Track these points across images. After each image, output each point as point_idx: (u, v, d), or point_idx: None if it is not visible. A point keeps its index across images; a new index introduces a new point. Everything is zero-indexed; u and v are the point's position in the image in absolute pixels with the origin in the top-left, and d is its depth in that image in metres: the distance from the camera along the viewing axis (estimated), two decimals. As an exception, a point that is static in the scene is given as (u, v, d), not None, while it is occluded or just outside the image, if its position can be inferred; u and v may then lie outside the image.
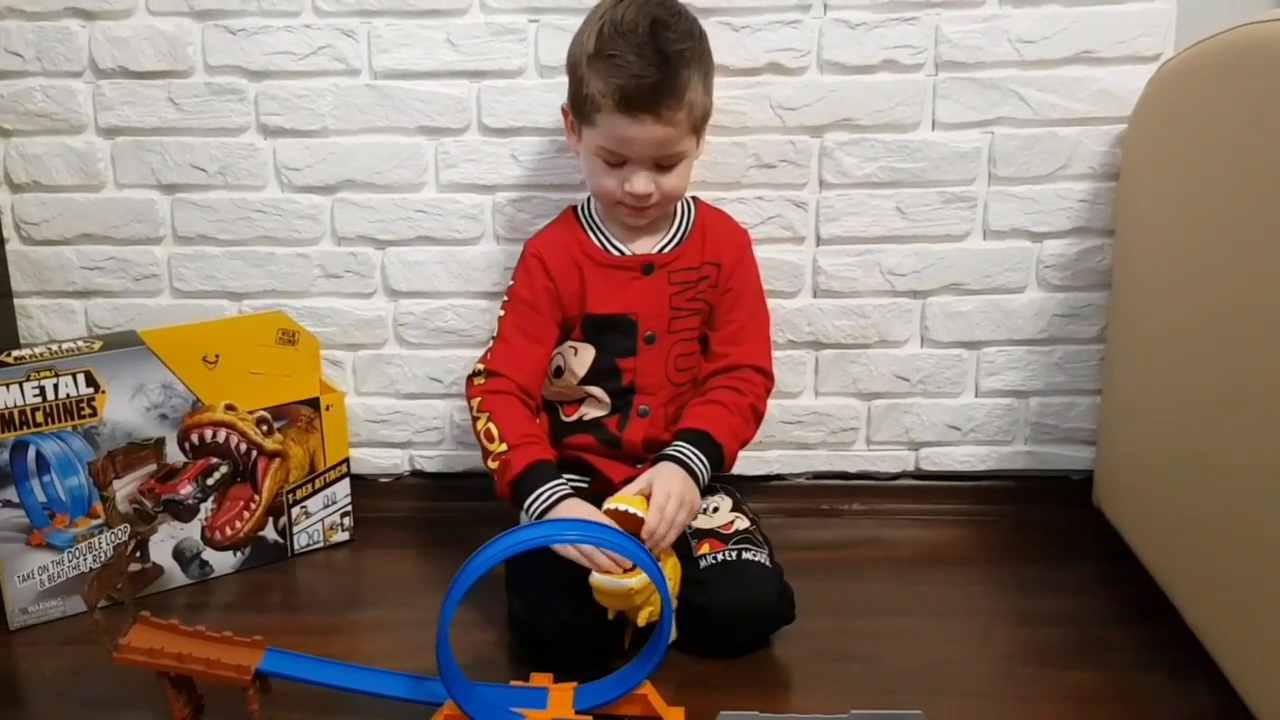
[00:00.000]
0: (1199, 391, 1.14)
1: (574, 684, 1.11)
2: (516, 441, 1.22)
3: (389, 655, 1.21)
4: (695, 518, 1.23)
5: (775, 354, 1.47)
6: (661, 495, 1.15)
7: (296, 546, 1.48)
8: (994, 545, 1.45)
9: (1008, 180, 1.43)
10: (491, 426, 1.24)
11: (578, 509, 1.16)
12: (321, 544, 1.50)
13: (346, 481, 1.50)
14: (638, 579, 1.11)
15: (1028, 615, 1.29)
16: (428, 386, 1.56)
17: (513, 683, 1.12)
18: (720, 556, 1.22)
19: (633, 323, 1.31)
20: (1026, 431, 1.53)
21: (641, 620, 1.15)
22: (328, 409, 1.46)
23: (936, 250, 1.46)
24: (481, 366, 1.30)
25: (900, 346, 1.50)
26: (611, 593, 1.12)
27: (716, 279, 1.33)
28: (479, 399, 1.27)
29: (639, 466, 1.33)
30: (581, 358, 1.33)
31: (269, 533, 1.45)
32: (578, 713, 1.08)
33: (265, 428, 1.42)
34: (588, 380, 1.33)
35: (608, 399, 1.33)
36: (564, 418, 1.36)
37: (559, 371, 1.33)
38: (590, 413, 1.35)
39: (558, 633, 1.17)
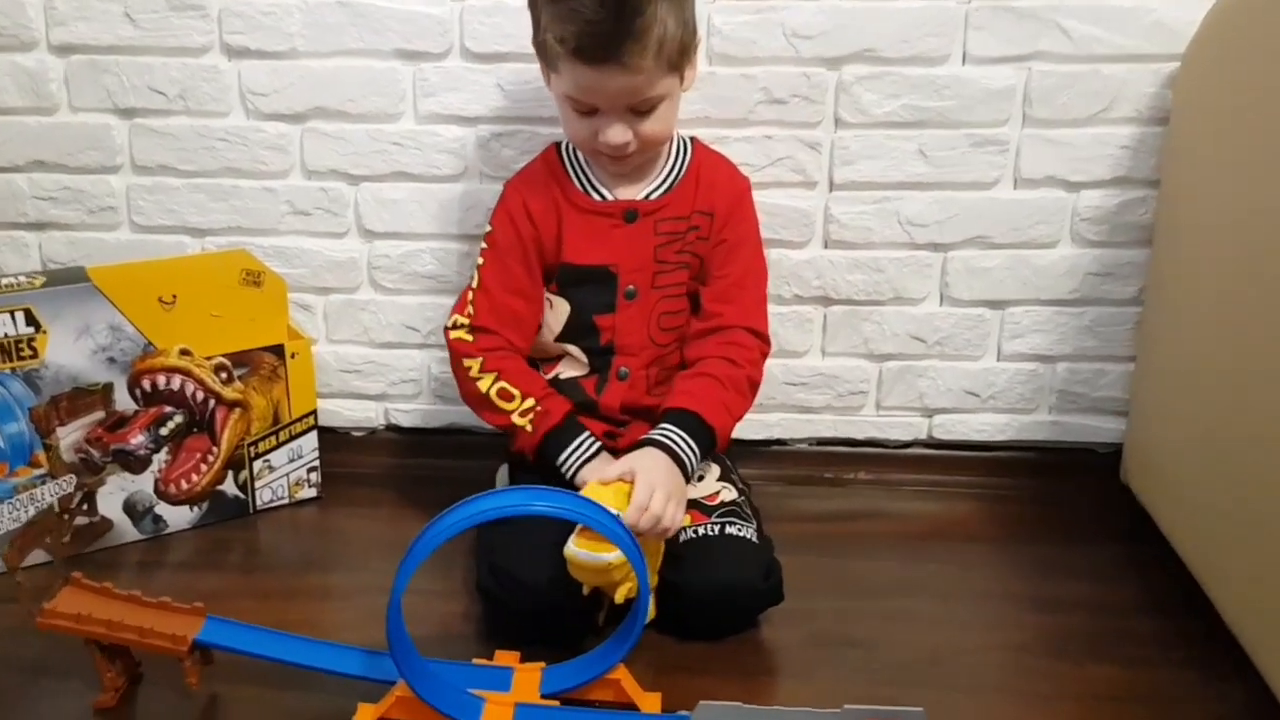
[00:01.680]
0: (1245, 361, 1.06)
1: (542, 665, 1.04)
2: (542, 393, 1.19)
3: (350, 624, 1.15)
4: (681, 517, 1.11)
5: (779, 309, 1.41)
6: (644, 490, 1.05)
7: (259, 503, 1.41)
8: (1011, 522, 1.38)
9: (1044, 123, 1.34)
10: (507, 385, 1.19)
11: (607, 463, 1.13)
12: (286, 500, 1.43)
13: (314, 435, 1.43)
14: (617, 554, 1.02)
15: (1045, 601, 1.21)
16: (404, 335, 1.49)
17: (475, 660, 1.05)
18: (701, 530, 1.14)
19: (612, 275, 1.22)
20: (1051, 400, 1.45)
21: (619, 597, 1.08)
22: (293, 356, 1.38)
23: (961, 199, 1.37)
24: (465, 320, 1.22)
25: (917, 304, 1.42)
26: (587, 567, 1.04)
27: (708, 230, 1.23)
28: (480, 359, 1.20)
29: (622, 429, 1.24)
30: (557, 312, 1.25)
31: (229, 487, 1.38)
32: (544, 696, 1.01)
33: (224, 375, 1.34)
34: (564, 338, 1.25)
35: (584, 359, 1.25)
36: (542, 374, 1.28)
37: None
38: (566, 372, 1.27)
39: (528, 607, 1.10)
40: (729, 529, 1.15)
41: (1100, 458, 1.46)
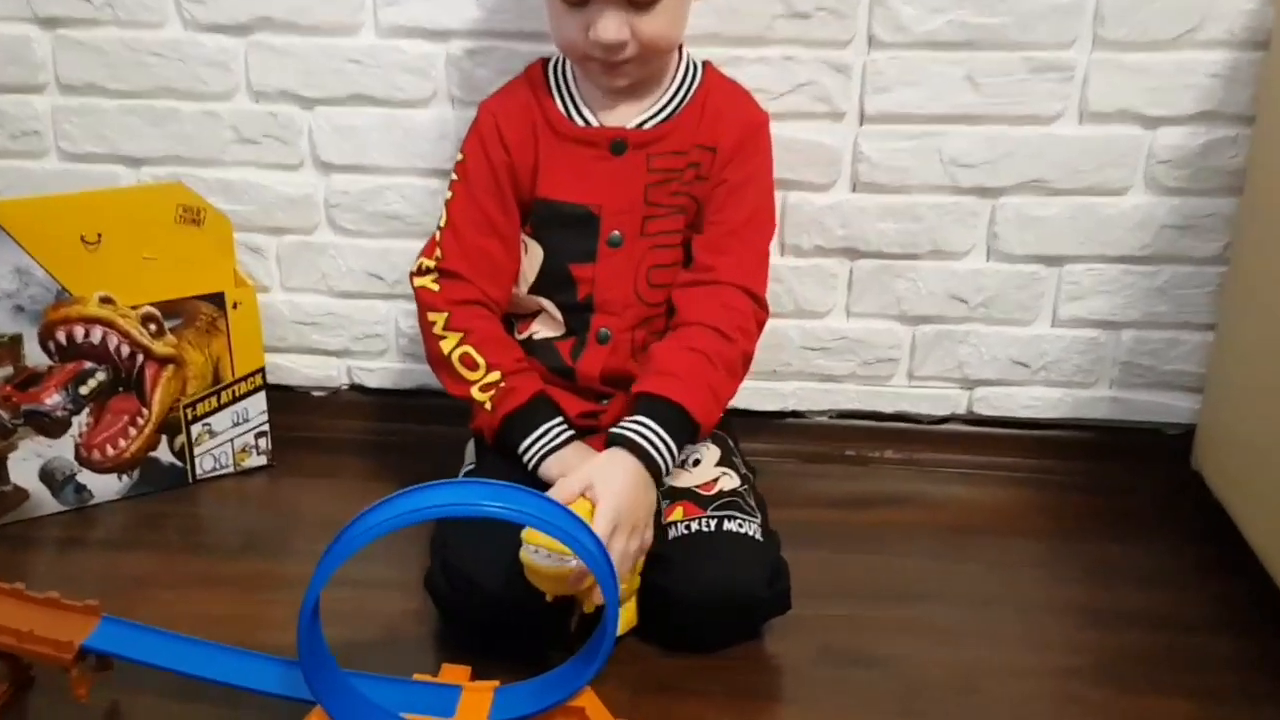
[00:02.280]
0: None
1: (495, 684, 0.89)
2: (512, 367, 1.06)
3: (288, 621, 0.97)
4: (648, 542, 0.97)
5: (798, 263, 1.29)
6: (604, 524, 0.89)
7: (199, 472, 1.29)
8: (1061, 515, 1.24)
9: (1117, 45, 1.18)
10: (470, 351, 1.05)
11: (578, 456, 1.01)
12: (231, 469, 1.31)
13: (261, 396, 1.30)
14: (580, 561, 0.87)
15: (1100, 615, 1.07)
16: (367, 284, 1.36)
17: (416, 676, 0.90)
18: (695, 526, 1.00)
19: (593, 217, 1.07)
20: (1114, 372, 1.32)
21: (590, 606, 0.93)
22: (235, 307, 1.24)
23: (1016, 135, 1.22)
24: (431, 263, 1.08)
25: (959, 259, 1.28)
26: (547, 574, 0.89)
27: (709, 167, 1.07)
28: (446, 313, 1.06)
29: (603, 403, 1.08)
30: (530, 258, 1.10)
31: (163, 454, 1.26)
32: (493, 725, 0.85)
33: (153, 327, 1.20)
34: (538, 289, 1.10)
35: (560, 316, 1.10)
36: (517, 334, 1.14)
37: None
38: (542, 332, 1.12)
39: (483, 616, 0.96)
40: (727, 524, 1.00)
41: (1168, 441, 1.33)
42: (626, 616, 0.98)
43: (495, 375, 1.04)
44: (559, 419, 1.05)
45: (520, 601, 0.93)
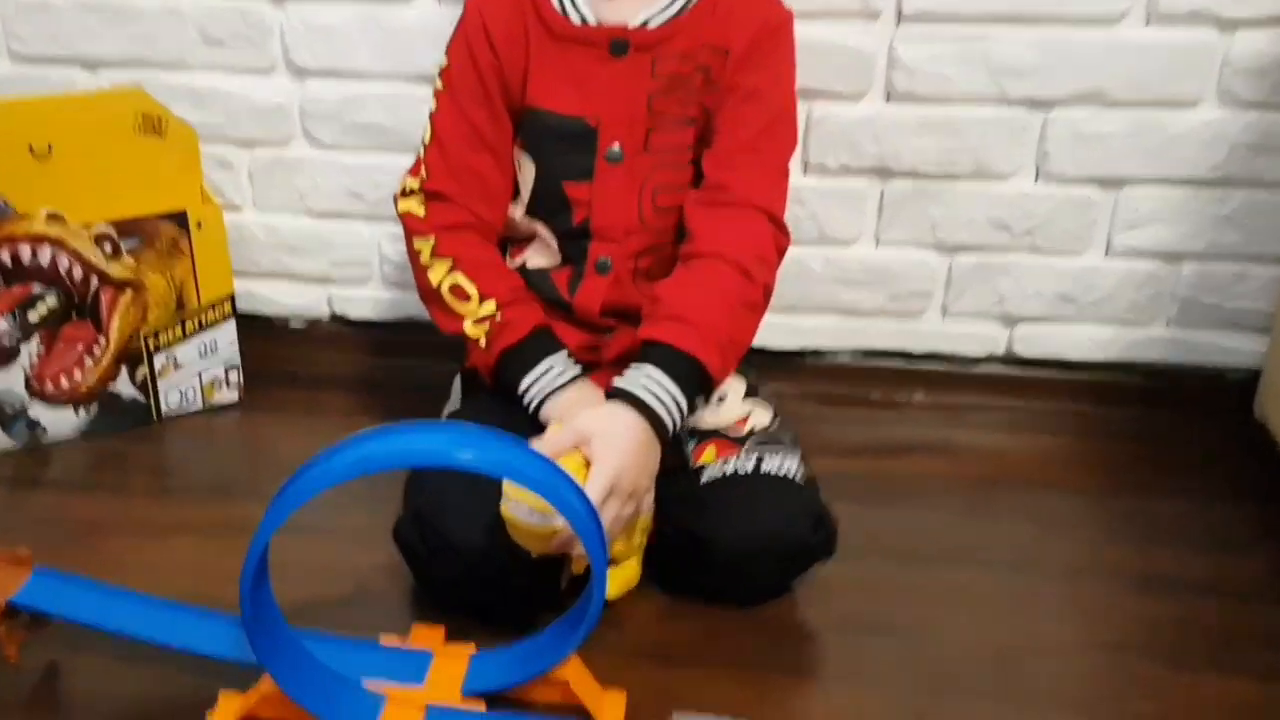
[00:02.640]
0: None
1: (471, 648, 0.82)
2: (507, 297, 0.96)
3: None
4: (648, 507, 0.88)
5: (822, 183, 1.21)
6: (598, 486, 0.80)
7: (164, 408, 1.20)
8: (1109, 468, 1.16)
9: None
10: (461, 279, 0.96)
11: (583, 399, 0.92)
12: (200, 406, 1.22)
13: (231, 325, 1.21)
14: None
15: (1152, 580, 0.98)
16: (347, 204, 1.27)
17: (382, 639, 0.83)
18: (731, 467, 0.93)
19: (590, 129, 0.96)
20: (1172, 310, 1.24)
21: (579, 567, 0.85)
22: (199, 226, 1.15)
23: (1073, 40, 1.13)
24: (415, 183, 0.98)
25: (1005, 180, 1.19)
26: (530, 533, 0.80)
27: (720, 72, 0.96)
28: (432, 239, 0.96)
29: (606, 336, 0.98)
30: (523, 175, 1.00)
31: (123, 387, 1.18)
32: (466, 695, 0.78)
33: (108, 248, 1.11)
34: (532, 211, 1.00)
35: (555, 244, 1.00)
36: (510, 259, 1.03)
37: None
38: (535, 260, 1.02)
39: (457, 574, 0.87)
40: (766, 463, 0.92)
41: (1230, 386, 1.26)
42: (626, 575, 0.90)
43: (489, 306, 0.94)
44: (562, 354, 0.95)
45: (501, 560, 0.84)
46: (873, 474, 1.14)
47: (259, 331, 1.29)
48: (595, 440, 0.82)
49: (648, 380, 0.87)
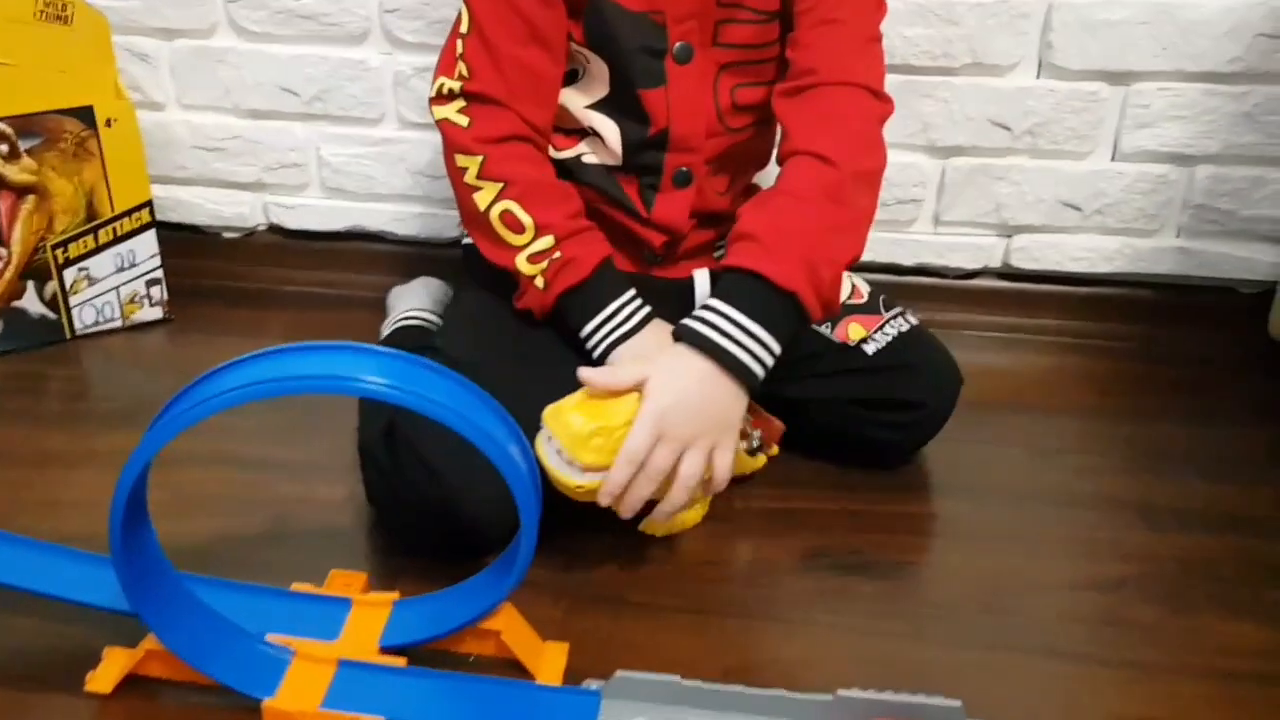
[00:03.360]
0: None
1: (394, 596, 0.74)
2: (567, 228, 0.85)
3: (170, 506, 0.82)
4: (724, 467, 0.78)
5: None
6: (642, 434, 0.74)
7: (79, 325, 1.12)
8: (1114, 390, 1.10)
9: None
10: (513, 206, 0.84)
11: (657, 344, 0.82)
12: (119, 323, 1.13)
13: (151, 235, 1.12)
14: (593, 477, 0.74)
15: (1157, 513, 0.92)
16: (280, 101, 1.17)
17: (295, 586, 0.75)
18: (894, 330, 0.93)
19: (656, 26, 0.84)
20: (1183, 218, 1.16)
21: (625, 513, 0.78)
22: (109, 124, 1.05)
23: None
24: (455, 84, 0.84)
25: (1003, 74, 1.11)
26: (558, 480, 0.75)
27: None
28: (480, 157, 0.84)
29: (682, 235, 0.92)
30: (592, 79, 0.87)
31: (30, 304, 1.09)
32: (384, 649, 0.70)
33: (6, 148, 1.02)
34: (600, 108, 0.88)
35: (619, 150, 0.88)
36: (553, 149, 0.90)
37: (569, 78, 0.89)
38: (592, 157, 0.90)
39: (437, 518, 0.78)
40: (911, 320, 0.94)
41: (1244, 302, 1.19)
42: (682, 518, 0.83)
43: (547, 240, 0.83)
44: (628, 294, 0.85)
45: (495, 517, 0.74)
46: (854, 398, 1.06)
47: (188, 243, 1.20)
48: (651, 380, 0.75)
49: (709, 314, 0.78)
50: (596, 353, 0.84)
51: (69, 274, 1.08)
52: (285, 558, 0.81)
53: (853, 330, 0.92)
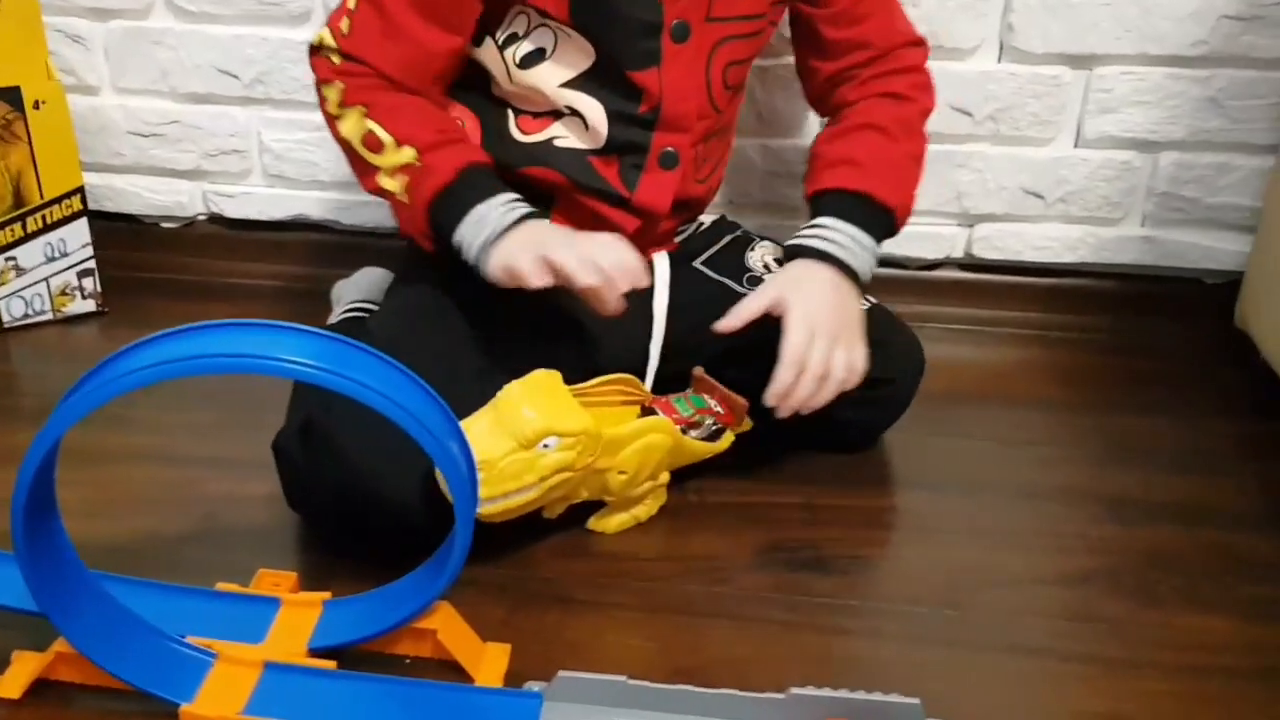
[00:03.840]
0: None
1: (325, 596, 0.70)
2: (429, 139, 0.81)
3: (84, 512, 0.78)
4: (860, 361, 0.84)
5: (762, 61, 1.05)
6: (799, 337, 0.80)
7: (7, 317, 1.09)
8: (1078, 381, 1.09)
9: None
10: (373, 126, 0.80)
11: (543, 235, 0.79)
12: (50, 315, 1.10)
13: (83, 224, 1.09)
14: (543, 483, 0.73)
15: (1122, 505, 0.90)
16: (220, 84, 1.13)
17: (220, 585, 0.71)
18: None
19: (654, 3, 0.81)
20: (1148, 206, 1.15)
21: (584, 494, 0.78)
22: (36, 106, 1.01)
23: None
24: (332, 40, 0.81)
25: (964, 59, 1.09)
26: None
27: None
28: (340, 85, 0.81)
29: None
30: (568, 54, 0.83)
31: None
32: (313, 652, 0.66)
33: None
34: (576, 86, 0.84)
35: (604, 130, 0.84)
36: (518, 133, 0.86)
37: (533, 57, 0.83)
38: (567, 139, 0.86)
39: (365, 517, 0.74)
40: (869, 301, 0.92)
41: (1210, 292, 1.18)
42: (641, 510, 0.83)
43: (409, 153, 0.79)
44: (504, 196, 0.80)
45: (420, 503, 0.72)
46: (813, 389, 1.03)
47: (124, 233, 1.17)
48: (786, 291, 0.81)
49: (824, 230, 0.85)
50: (471, 260, 0.79)
51: (-4, 263, 1.04)
52: (213, 557, 0.77)
53: None
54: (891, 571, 0.82)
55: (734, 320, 0.81)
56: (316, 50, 0.82)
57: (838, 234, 0.85)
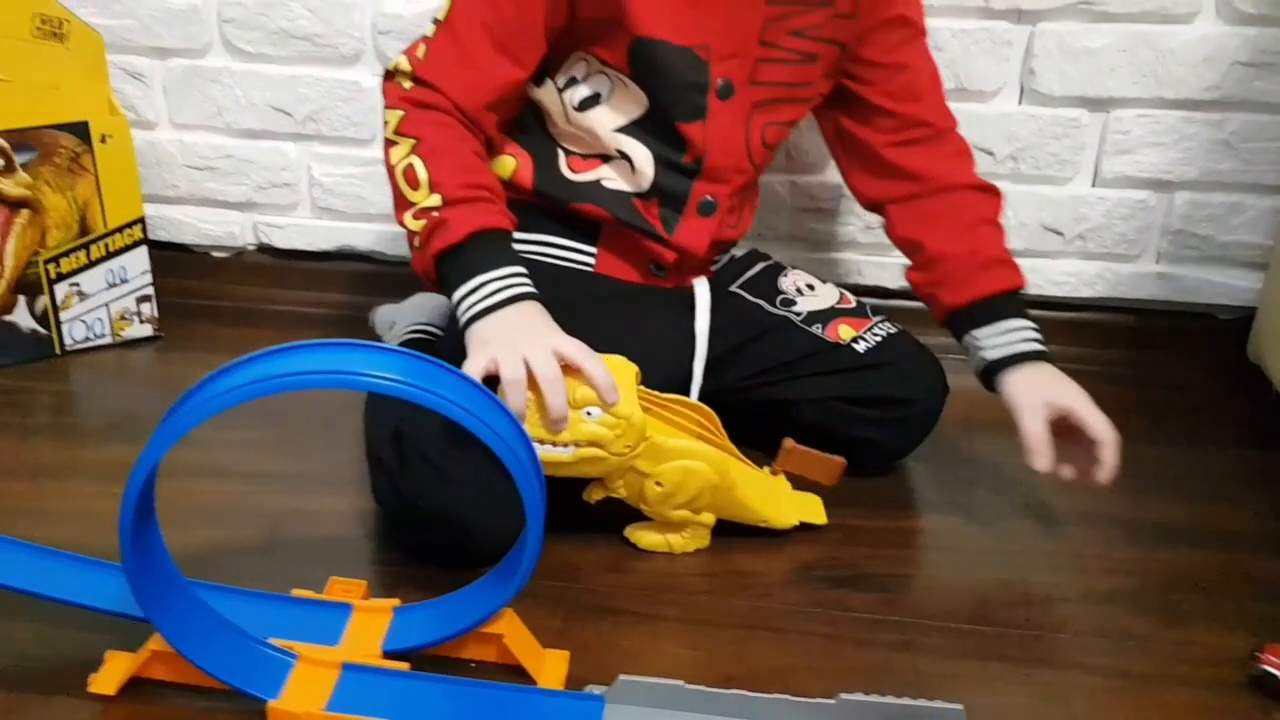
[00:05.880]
0: None
1: (394, 603, 0.74)
2: (457, 193, 0.83)
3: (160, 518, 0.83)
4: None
5: None
6: (1099, 418, 0.90)
7: (68, 341, 1.12)
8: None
9: None
10: (416, 163, 0.83)
11: (532, 321, 0.80)
12: (109, 340, 1.14)
13: (142, 252, 1.13)
14: (576, 450, 0.77)
15: (1143, 529, 0.93)
16: (272, 121, 1.18)
17: (295, 592, 0.76)
18: (883, 331, 0.99)
19: (701, 63, 0.87)
20: (1163, 243, 1.18)
21: (621, 491, 0.83)
22: (104, 140, 1.06)
23: None
24: (407, 65, 0.85)
25: (987, 100, 1.13)
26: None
27: (853, 3, 0.90)
28: (401, 111, 0.85)
29: (659, 274, 0.96)
30: (622, 100, 0.89)
31: (21, 318, 1.10)
32: (387, 654, 0.70)
33: (1, 161, 1.01)
34: (629, 132, 0.90)
35: (650, 173, 0.90)
36: (569, 172, 0.92)
37: (590, 101, 0.89)
38: (614, 181, 0.92)
39: (448, 501, 0.79)
40: (891, 326, 1.00)
41: (1224, 327, 1.21)
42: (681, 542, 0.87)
43: (436, 199, 0.82)
44: (509, 270, 0.82)
45: (499, 522, 0.76)
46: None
47: (178, 262, 1.21)
48: (1049, 397, 0.90)
49: (1024, 333, 0.93)
50: (461, 323, 0.81)
51: (60, 289, 1.08)
52: (281, 568, 0.81)
53: (843, 330, 0.97)
54: (925, 589, 0.85)
55: (1042, 460, 0.87)
56: (390, 76, 0.87)
57: (1030, 331, 0.94)
